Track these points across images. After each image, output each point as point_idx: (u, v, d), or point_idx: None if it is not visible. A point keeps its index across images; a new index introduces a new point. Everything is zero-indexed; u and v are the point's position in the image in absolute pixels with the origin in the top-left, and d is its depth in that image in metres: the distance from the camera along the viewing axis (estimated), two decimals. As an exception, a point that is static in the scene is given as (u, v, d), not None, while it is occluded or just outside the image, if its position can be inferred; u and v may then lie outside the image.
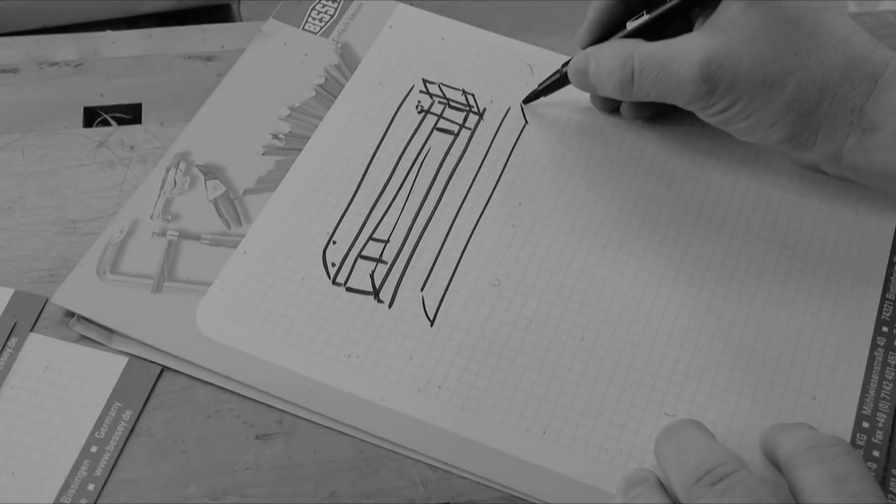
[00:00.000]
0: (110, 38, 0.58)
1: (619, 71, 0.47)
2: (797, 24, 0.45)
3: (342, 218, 0.50)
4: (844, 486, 0.37)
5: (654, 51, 0.47)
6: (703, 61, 0.45)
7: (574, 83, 0.51)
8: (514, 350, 0.46)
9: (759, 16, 0.45)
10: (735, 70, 0.45)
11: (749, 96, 0.45)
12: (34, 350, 0.45)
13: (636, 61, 0.47)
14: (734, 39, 0.45)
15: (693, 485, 0.39)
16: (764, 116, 0.46)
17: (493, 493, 0.43)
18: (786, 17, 0.45)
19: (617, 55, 0.48)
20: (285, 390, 0.44)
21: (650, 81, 0.47)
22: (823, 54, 0.45)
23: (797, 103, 0.45)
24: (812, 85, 0.45)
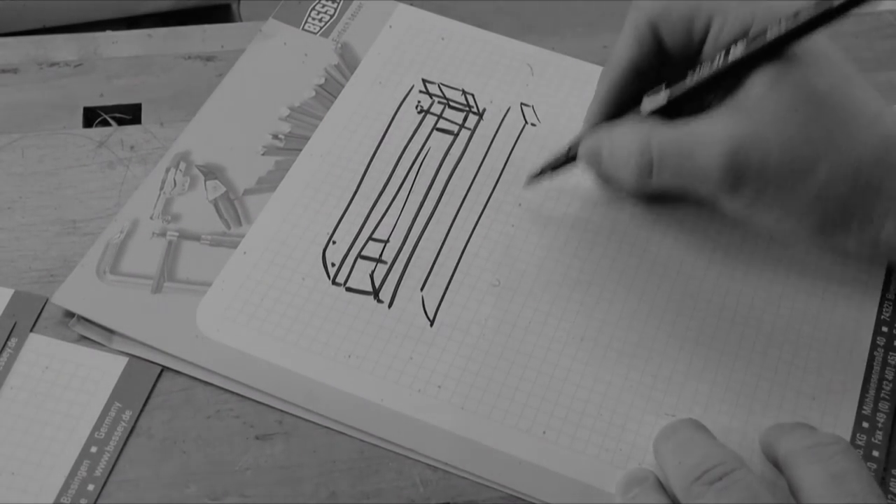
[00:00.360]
0: (110, 38, 0.58)
1: (637, 160, 0.43)
2: (826, 102, 0.41)
3: (342, 218, 0.50)
4: (843, 485, 0.37)
5: (674, 138, 0.43)
6: (729, 150, 0.41)
7: (585, 164, 0.47)
8: (514, 350, 0.46)
9: (787, 95, 0.41)
10: (763, 157, 0.41)
11: (778, 183, 0.41)
12: (34, 350, 0.45)
13: (655, 150, 0.43)
14: (760, 122, 0.41)
15: (691, 484, 0.39)
16: (794, 205, 0.42)
17: (493, 493, 0.43)
18: (814, 96, 0.41)
19: (633, 141, 0.44)
20: (285, 390, 0.44)
21: (671, 172, 0.43)
22: (856, 134, 0.42)
23: (829, 189, 0.41)
24: (845, 169, 0.41)
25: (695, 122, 0.43)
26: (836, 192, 0.42)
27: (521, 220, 0.50)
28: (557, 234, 0.50)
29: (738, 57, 0.42)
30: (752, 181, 0.42)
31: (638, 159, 0.44)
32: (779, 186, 0.42)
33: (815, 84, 0.42)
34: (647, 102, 0.45)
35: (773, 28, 0.41)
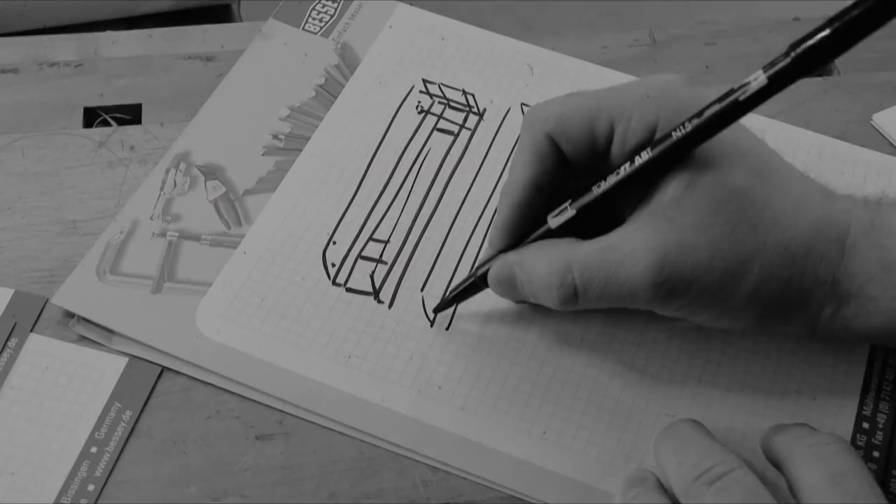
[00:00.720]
0: (110, 39, 0.58)
1: (558, 288, 0.41)
2: (748, 196, 0.39)
3: (342, 218, 0.50)
4: (842, 484, 0.37)
5: (594, 259, 0.40)
6: (654, 263, 0.39)
7: (501, 294, 0.44)
8: (514, 350, 0.46)
9: (705, 196, 0.39)
10: (692, 265, 0.39)
11: (711, 291, 0.40)
12: (34, 350, 0.45)
13: (576, 275, 0.40)
14: (683, 228, 0.39)
15: (691, 484, 0.39)
16: (729, 306, 0.40)
17: (493, 493, 0.43)
18: (734, 193, 0.39)
19: (551, 268, 0.41)
20: (285, 391, 0.44)
21: (597, 295, 0.40)
22: (783, 225, 0.40)
23: (765, 286, 0.40)
24: (778, 264, 0.40)
25: (613, 237, 0.40)
26: (771, 288, 0.40)
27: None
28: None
29: (644, 162, 0.40)
30: (684, 292, 0.40)
31: (558, 286, 0.41)
32: (713, 292, 0.40)
33: (733, 181, 0.39)
34: (553, 221, 0.42)
35: (679, 130, 0.39)
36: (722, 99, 0.38)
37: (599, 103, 0.42)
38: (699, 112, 0.39)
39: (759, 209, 0.40)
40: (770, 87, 0.37)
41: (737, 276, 0.39)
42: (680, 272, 0.39)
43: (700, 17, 0.63)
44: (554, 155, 0.43)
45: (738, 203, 0.39)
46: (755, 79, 0.37)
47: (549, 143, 0.43)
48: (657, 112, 0.41)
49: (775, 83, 0.36)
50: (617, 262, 0.40)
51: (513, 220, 0.43)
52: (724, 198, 0.39)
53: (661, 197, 0.40)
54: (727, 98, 0.38)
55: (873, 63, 0.58)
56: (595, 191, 0.41)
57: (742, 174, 0.40)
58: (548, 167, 0.43)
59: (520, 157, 0.43)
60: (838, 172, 0.52)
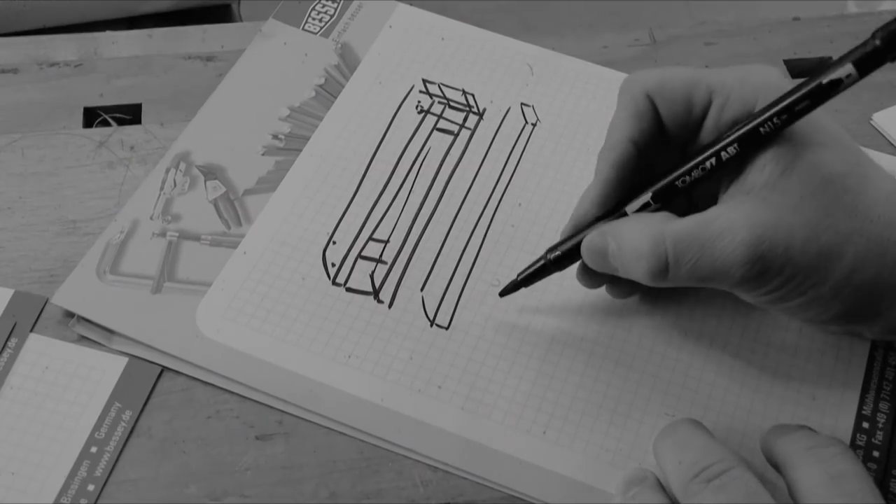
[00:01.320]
0: (110, 39, 0.58)
1: (650, 258, 0.40)
2: (843, 183, 0.39)
3: (342, 218, 0.50)
4: (841, 486, 0.37)
5: (688, 232, 0.40)
6: (749, 240, 0.38)
7: (589, 263, 0.43)
8: (514, 350, 0.46)
9: (803, 178, 0.39)
10: (787, 245, 0.38)
11: (805, 273, 0.39)
12: (34, 350, 0.45)
13: (670, 246, 0.40)
14: (779, 208, 0.39)
15: (689, 482, 0.39)
16: (820, 292, 0.40)
17: (493, 493, 0.43)
18: (831, 177, 0.39)
19: (645, 240, 0.40)
20: (285, 390, 0.44)
21: (689, 268, 0.40)
22: (878, 213, 0.39)
23: (857, 274, 0.39)
24: (871, 252, 0.39)
25: (709, 214, 0.40)
26: (863, 277, 0.39)
27: (521, 220, 0.50)
28: (557, 234, 0.50)
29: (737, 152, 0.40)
30: (777, 272, 0.39)
31: (651, 258, 0.40)
32: (806, 275, 0.39)
33: (829, 166, 0.39)
34: (633, 204, 0.43)
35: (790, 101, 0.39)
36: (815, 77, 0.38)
37: (700, 74, 0.43)
38: (795, 89, 0.39)
39: (853, 195, 0.39)
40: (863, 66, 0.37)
41: (830, 260, 0.39)
42: (775, 251, 0.38)
43: (700, 17, 0.63)
44: (651, 115, 0.43)
45: (835, 188, 0.39)
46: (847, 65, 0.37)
47: (647, 103, 0.43)
48: (756, 94, 0.41)
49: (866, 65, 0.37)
50: (712, 237, 0.39)
51: (611, 180, 0.43)
52: (820, 181, 0.39)
53: (756, 177, 0.40)
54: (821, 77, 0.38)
55: (873, 63, 0.58)
56: (688, 176, 0.41)
57: (839, 161, 0.40)
58: (646, 126, 0.43)
59: (618, 117, 0.43)
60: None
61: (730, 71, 0.43)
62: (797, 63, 0.59)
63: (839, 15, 0.61)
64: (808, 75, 0.57)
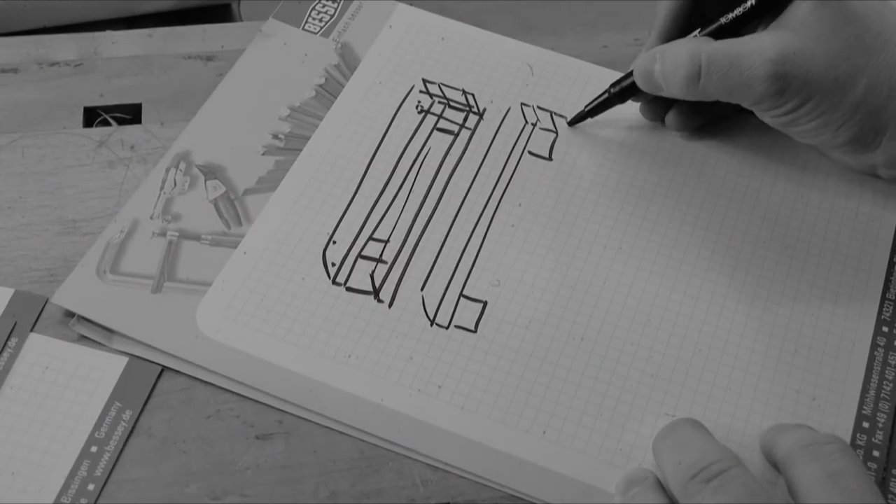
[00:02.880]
0: (110, 38, 0.58)
1: (687, 67, 0.46)
2: (865, 23, 0.45)
3: (342, 218, 0.50)
4: (839, 484, 0.37)
5: (722, 48, 0.46)
6: (775, 58, 0.44)
7: (639, 83, 0.50)
8: (514, 350, 0.46)
9: (829, 15, 0.45)
10: (807, 68, 0.44)
11: (820, 95, 0.45)
12: (34, 350, 0.45)
13: (704, 57, 0.46)
14: (806, 38, 0.45)
15: (688, 482, 0.39)
16: (834, 116, 0.45)
17: (493, 493, 0.43)
18: (854, 16, 0.45)
19: (684, 52, 0.47)
20: (285, 390, 0.44)
21: (718, 78, 0.46)
22: (891, 53, 0.45)
23: (866, 103, 0.45)
24: (881, 85, 0.45)
25: (742, 38, 0.46)
26: (872, 105, 0.45)
27: (521, 220, 0.50)
28: (557, 234, 0.50)
29: None
30: (796, 90, 0.45)
31: (688, 66, 0.46)
32: (821, 97, 0.45)
33: (855, 7, 0.45)
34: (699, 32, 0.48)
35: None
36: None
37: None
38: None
39: (872, 35, 0.45)
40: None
41: (845, 87, 0.45)
42: (796, 72, 0.44)
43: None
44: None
45: (857, 27, 0.45)
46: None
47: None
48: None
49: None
50: (743, 52, 0.45)
51: (667, 19, 0.50)
52: (844, 20, 0.45)
53: (790, 15, 0.45)
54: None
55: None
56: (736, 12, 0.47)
57: (863, 5, 0.45)
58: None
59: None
60: (838, 172, 0.52)
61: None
62: (797, 63, 0.59)
63: (839, 15, 0.61)
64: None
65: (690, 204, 0.51)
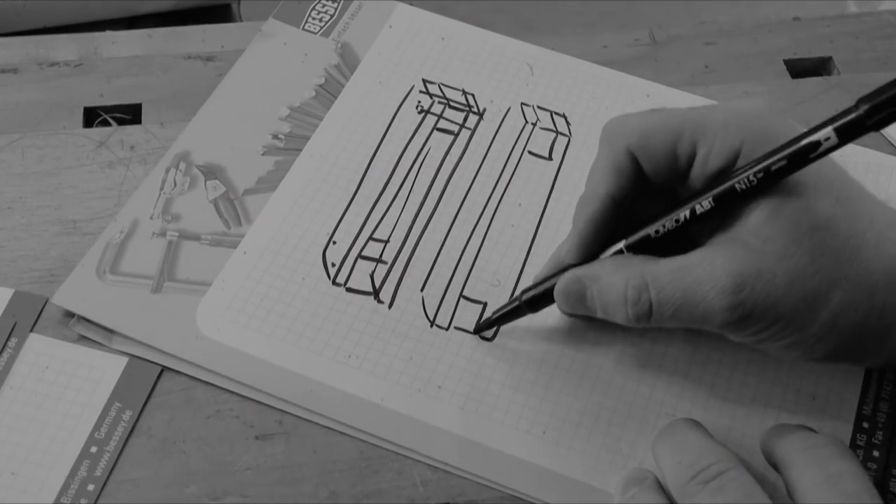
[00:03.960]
0: (110, 38, 0.58)
1: (634, 304, 0.40)
2: (831, 227, 0.39)
3: (342, 218, 0.50)
4: (838, 486, 0.37)
5: (670, 278, 0.40)
6: (731, 287, 0.38)
7: (564, 307, 0.44)
8: (514, 350, 0.46)
9: (789, 225, 0.38)
10: (769, 291, 0.38)
11: (788, 318, 0.39)
12: (34, 350, 0.45)
13: (653, 293, 0.40)
14: (763, 255, 0.38)
15: (687, 483, 0.39)
16: (805, 336, 0.39)
17: (493, 493, 0.43)
18: (818, 222, 0.39)
19: (626, 283, 0.40)
20: (285, 390, 0.44)
21: (671, 314, 0.40)
22: (865, 258, 0.39)
23: (843, 318, 0.39)
24: (858, 297, 0.39)
25: (691, 258, 0.40)
26: (849, 321, 0.39)
27: (521, 220, 0.50)
28: (557, 234, 0.50)
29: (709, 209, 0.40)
30: (759, 318, 0.39)
31: (634, 303, 0.40)
32: (789, 321, 0.39)
33: (817, 210, 0.39)
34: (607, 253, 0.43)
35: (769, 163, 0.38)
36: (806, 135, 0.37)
37: (683, 123, 0.41)
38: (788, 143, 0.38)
39: (842, 240, 0.39)
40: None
41: (814, 306, 0.39)
42: (756, 298, 0.38)
43: (700, 17, 0.63)
44: (633, 170, 0.42)
45: (822, 233, 0.39)
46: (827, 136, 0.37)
47: (629, 158, 0.42)
48: (741, 138, 0.40)
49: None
50: (694, 283, 0.39)
51: (588, 233, 0.42)
52: (807, 227, 0.39)
53: (742, 223, 0.39)
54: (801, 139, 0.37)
55: (873, 63, 0.58)
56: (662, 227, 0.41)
57: (826, 203, 0.39)
58: (626, 182, 0.42)
59: (598, 170, 0.43)
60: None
61: (714, 112, 0.41)
62: (797, 63, 0.59)
63: (839, 15, 0.61)
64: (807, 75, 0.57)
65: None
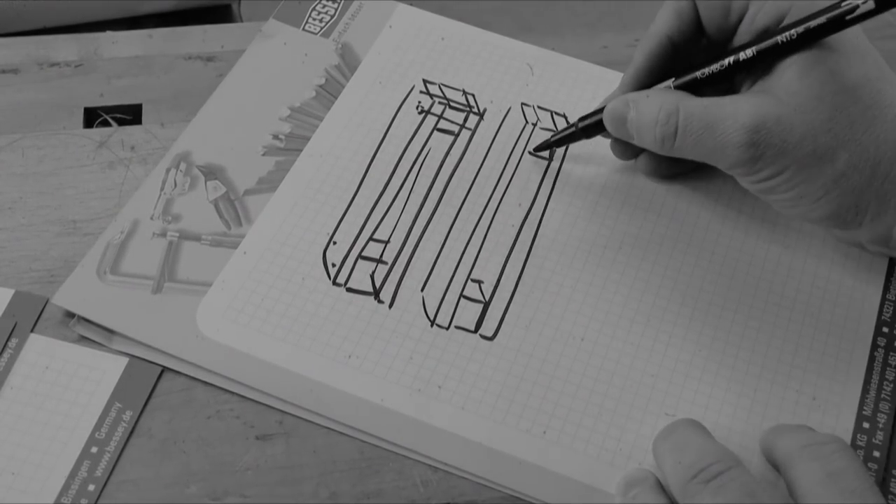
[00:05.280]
0: (110, 39, 0.58)
1: (663, 125, 0.44)
2: (854, 94, 0.42)
3: (342, 218, 0.50)
4: (839, 483, 0.38)
5: (700, 109, 0.44)
6: (751, 126, 0.42)
7: (609, 128, 0.48)
8: (514, 350, 0.46)
9: (816, 83, 0.42)
10: (784, 138, 0.42)
11: (796, 167, 0.42)
12: (34, 350, 0.45)
13: (681, 118, 0.44)
14: (787, 106, 0.42)
15: (688, 483, 0.39)
16: (810, 189, 0.43)
17: (493, 493, 0.43)
18: (843, 87, 0.42)
19: (661, 107, 0.45)
20: (285, 391, 0.44)
21: (693, 140, 0.44)
22: (879, 129, 0.42)
23: (846, 179, 0.42)
24: (864, 162, 0.42)
25: (723, 99, 0.44)
26: (852, 183, 0.42)
27: (520, 220, 0.50)
28: (556, 234, 0.50)
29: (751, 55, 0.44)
30: (770, 160, 0.42)
31: (663, 124, 0.44)
32: (797, 170, 0.42)
33: (845, 76, 0.42)
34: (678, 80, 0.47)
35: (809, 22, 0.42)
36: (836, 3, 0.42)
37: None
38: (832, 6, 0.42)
39: (861, 108, 0.42)
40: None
41: (822, 161, 0.42)
42: (771, 140, 0.42)
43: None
44: (692, 14, 0.47)
45: (844, 97, 0.42)
46: None
47: (690, 4, 0.47)
48: (790, 3, 0.44)
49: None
50: (719, 116, 0.43)
51: (644, 67, 0.47)
52: (832, 89, 0.42)
53: (775, 78, 0.43)
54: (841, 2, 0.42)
55: (873, 63, 0.58)
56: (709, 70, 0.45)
57: (855, 73, 0.43)
58: (684, 25, 0.47)
59: (661, 13, 0.47)
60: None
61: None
62: (797, 63, 0.59)
63: (839, 15, 0.61)
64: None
65: (692, 202, 0.51)
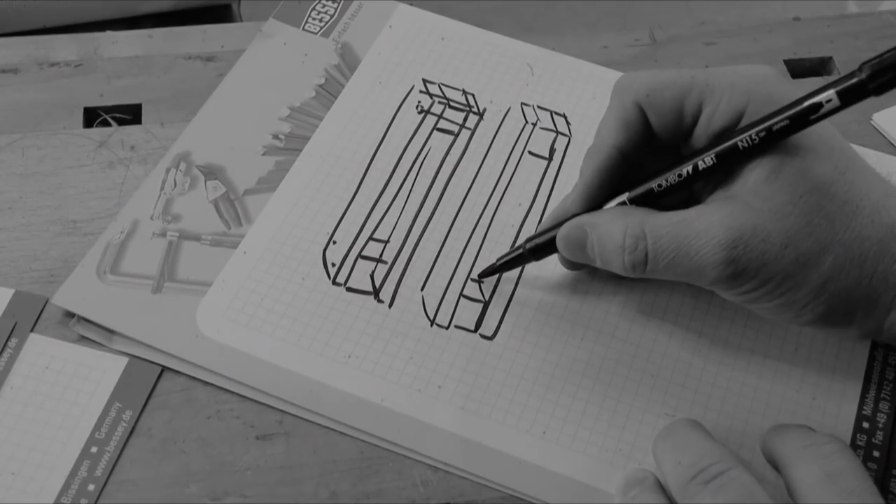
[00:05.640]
0: (110, 39, 0.58)
1: (630, 252, 0.41)
2: (829, 192, 0.40)
3: (342, 218, 0.50)
4: (838, 483, 0.37)
5: (668, 228, 0.40)
6: (726, 242, 0.39)
7: (565, 253, 0.44)
8: (514, 350, 0.46)
9: (787, 185, 0.39)
10: (763, 250, 0.39)
11: (780, 277, 0.40)
12: (34, 350, 0.45)
13: (650, 242, 0.41)
14: (760, 213, 0.39)
15: (687, 483, 0.39)
16: (797, 297, 0.40)
17: (494, 493, 0.43)
18: (815, 186, 0.39)
19: (625, 232, 0.41)
20: (285, 391, 0.44)
21: (666, 264, 0.41)
22: (858, 225, 0.40)
23: (833, 282, 0.40)
24: (849, 262, 0.40)
25: (690, 212, 0.41)
26: (840, 286, 0.40)
27: (520, 219, 0.50)
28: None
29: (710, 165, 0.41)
30: (752, 273, 0.40)
31: (631, 251, 0.41)
32: (781, 279, 0.40)
33: (815, 172, 0.40)
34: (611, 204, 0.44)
35: (771, 123, 0.39)
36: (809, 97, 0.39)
37: (692, 82, 0.42)
38: (792, 104, 0.39)
39: (838, 205, 0.40)
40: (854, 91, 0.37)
41: (806, 268, 0.40)
42: (750, 255, 0.39)
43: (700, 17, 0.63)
44: (641, 124, 0.43)
45: (819, 196, 0.40)
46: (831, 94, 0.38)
47: (637, 112, 0.43)
48: (746, 100, 0.41)
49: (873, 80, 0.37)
50: (690, 234, 0.40)
51: (593, 183, 0.44)
52: (805, 189, 0.39)
53: (742, 182, 0.40)
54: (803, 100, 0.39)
55: (873, 63, 0.58)
56: (665, 181, 0.42)
57: (826, 168, 0.40)
58: (633, 135, 0.43)
59: (607, 123, 0.44)
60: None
61: (722, 74, 0.42)
62: (797, 63, 0.59)
63: (839, 15, 0.61)
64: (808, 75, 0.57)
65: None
